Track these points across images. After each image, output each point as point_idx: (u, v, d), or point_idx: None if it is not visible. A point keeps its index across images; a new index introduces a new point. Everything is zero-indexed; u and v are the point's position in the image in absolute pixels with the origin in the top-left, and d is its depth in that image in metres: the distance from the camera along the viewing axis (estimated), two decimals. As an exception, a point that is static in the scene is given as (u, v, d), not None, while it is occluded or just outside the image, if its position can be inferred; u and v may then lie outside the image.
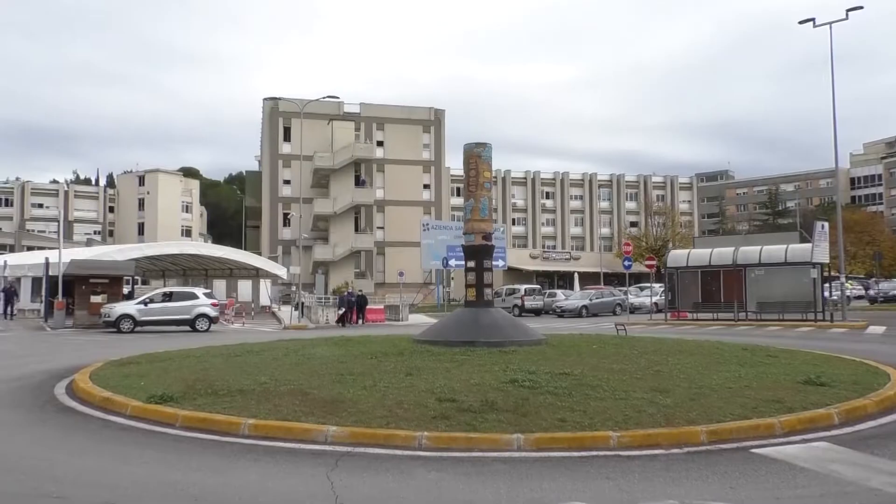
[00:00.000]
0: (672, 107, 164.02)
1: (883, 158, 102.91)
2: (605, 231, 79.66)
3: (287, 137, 58.54)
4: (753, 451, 6.41)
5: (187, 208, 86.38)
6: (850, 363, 11.58)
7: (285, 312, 36.69)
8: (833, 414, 7.59)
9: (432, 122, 62.39)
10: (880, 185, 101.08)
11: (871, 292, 44.74)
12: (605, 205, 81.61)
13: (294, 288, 38.88)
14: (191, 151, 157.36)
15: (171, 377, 10.02)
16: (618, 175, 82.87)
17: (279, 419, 7.36)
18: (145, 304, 26.07)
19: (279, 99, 48.92)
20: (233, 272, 43.24)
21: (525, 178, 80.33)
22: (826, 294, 28.62)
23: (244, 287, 43.10)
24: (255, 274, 42.15)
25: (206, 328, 26.27)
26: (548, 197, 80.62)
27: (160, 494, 5.29)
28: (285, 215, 58.22)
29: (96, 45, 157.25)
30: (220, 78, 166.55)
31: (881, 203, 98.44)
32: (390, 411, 7.47)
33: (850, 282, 44.25)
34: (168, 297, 26.97)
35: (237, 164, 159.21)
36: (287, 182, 58.70)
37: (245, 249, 52.79)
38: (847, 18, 26.52)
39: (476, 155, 13.77)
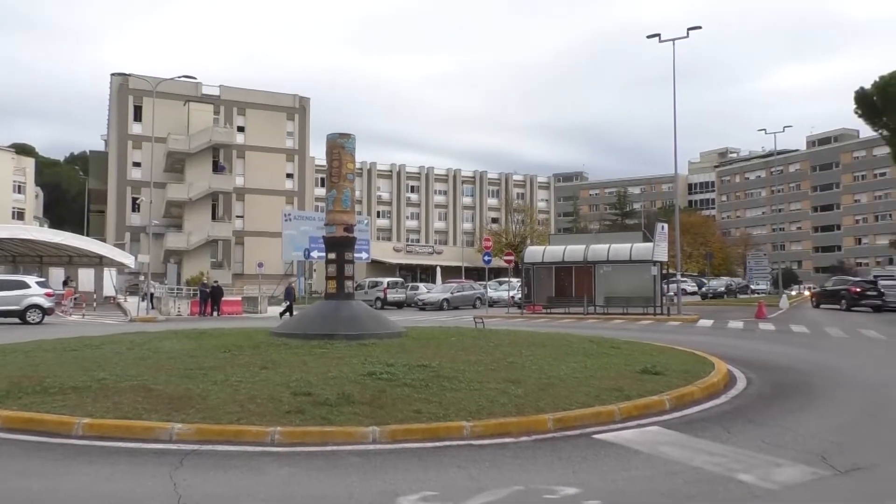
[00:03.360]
0: (535, 108, 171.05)
1: (716, 167, 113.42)
2: (468, 226, 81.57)
3: (138, 117, 54.76)
4: (595, 436, 6.81)
5: (20, 188, 78.48)
6: (682, 353, 12.57)
7: (132, 304, 34.38)
8: (665, 400, 8.23)
9: (297, 109, 60.79)
10: (713, 191, 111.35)
11: (703, 289, 50.15)
12: (468, 200, 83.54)
13: (143, 277, 36.54)
14: (26, 126, 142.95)
15: (-7, 374, 9.07)
16: (481, 172, 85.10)
17: (118, 418, 6.88)
18: (-34, 293, 23.48)
19: (129, 75, 45.64)
20: (72, 259, 39.94)
21: (391, 172, 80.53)
22: (671, 291, 31.24)
23: (85, 276, 39.94)
24: (99, 262, 39.16)
25: (38, 320, 24.15)
26: (412, 191, 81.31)
27: (-26, 504, 4.78)
28: (134, 200, 54.43)
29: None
30: (61, 47, 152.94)
31: (713, 208, 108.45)
32: (242, 406, 7.20)
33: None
34: (-7, 285, 24.45)
35: (80, 142, 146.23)
36: (137, 164, 54.92)
37: (88, 235, 48.83)
38: (688, 36, 28.86)
39: (339, 145, 13.58)
